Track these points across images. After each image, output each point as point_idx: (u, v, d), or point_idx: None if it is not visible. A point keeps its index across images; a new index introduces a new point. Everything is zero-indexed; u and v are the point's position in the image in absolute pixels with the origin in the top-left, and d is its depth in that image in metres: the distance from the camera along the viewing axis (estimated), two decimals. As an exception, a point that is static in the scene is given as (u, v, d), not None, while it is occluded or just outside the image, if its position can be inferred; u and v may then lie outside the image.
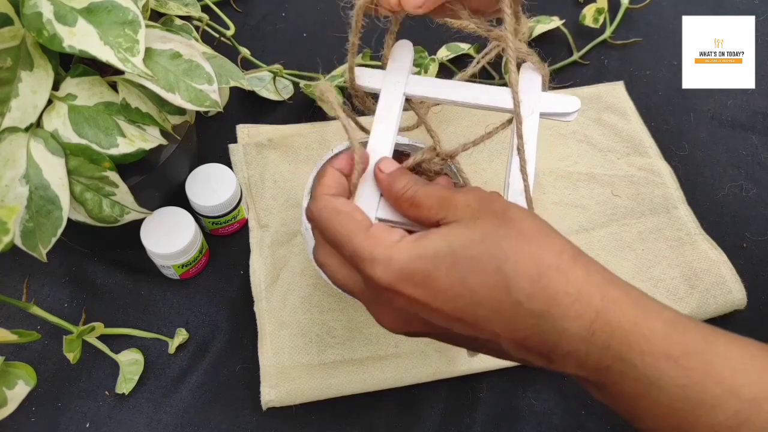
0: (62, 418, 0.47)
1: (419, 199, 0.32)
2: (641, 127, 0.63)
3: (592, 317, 0.27)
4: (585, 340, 0.27)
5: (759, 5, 0.75)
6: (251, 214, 0.56)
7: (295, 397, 0.47)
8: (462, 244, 0.29)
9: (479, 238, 0.29)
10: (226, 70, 0.48)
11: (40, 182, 0.40)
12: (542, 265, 0.28)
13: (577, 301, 0.28)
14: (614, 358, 0.27)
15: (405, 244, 0.30)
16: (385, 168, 0.34)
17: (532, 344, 0.28)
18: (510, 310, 0.28)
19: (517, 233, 0.29)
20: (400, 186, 0.33)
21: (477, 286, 0.28)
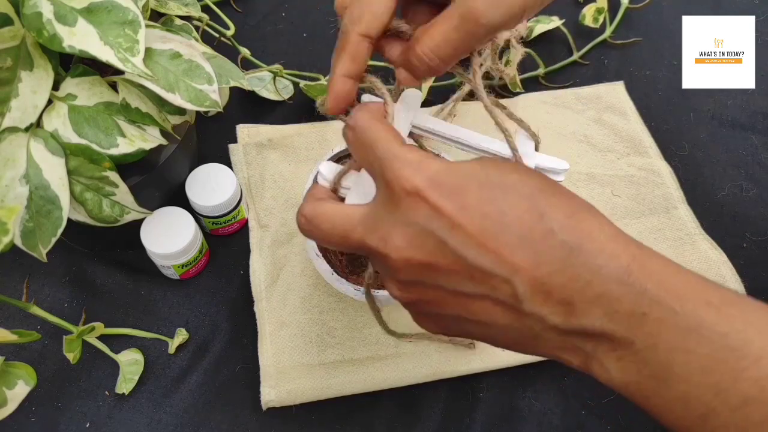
0: (62, 418, 0.47)
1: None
2: (641, 127, 0.63)
3: (629, 259, 0.25)
4: (621, 280, 0.25)
5: (759, 5, 0.75)
6: (251, 214, 0.56)
7: (295, 397, 0.47)
8: (496, 169, 0.27)
9: (512, 168, 0.28)
10: (226, 70, 0.48)
11: (40, 182, 0.40)
12: (577, 204, 0.27)
13: (613, 240, 0.26)
14: (652, 302, 0.25)
15: (439, 159, 0.28)
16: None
17: (556, 284, 0.25)
18: (540, 239, 0.25)
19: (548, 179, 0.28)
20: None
21: (508, 207, 0.26)
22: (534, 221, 0.25)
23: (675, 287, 0.25)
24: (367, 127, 0.29)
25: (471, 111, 0.63)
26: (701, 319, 0.24)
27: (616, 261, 0.25)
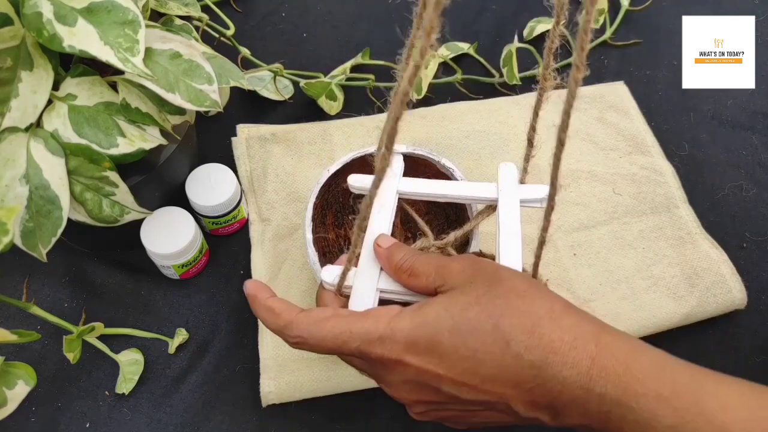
0: (62, 418, 0.47)
1: (417, 269, 0.34)
2: (644, 126, 0.63)
3: (588, 364, 0.29)
4: (584, 387, 0.29)
5: (759, 5, 0.75)
6: (252, 207, 0.56)
7: (294, 391, 0.47)
8: (459, 309, 0.31)
9: (474, 300, 0.31)
10: (226, 69, 0.48)
11: (40, 182, 0.40)
12: (536, 316, 0.30)
13: (573, 348, 0.29)
14: (612, 402, 0.28)
15: (405, 315, 0.31)
16: (383, 243, 0.37)
17: (538, 397, 0.29)
18: (512, 364, 0.29)
19: (509, 291, 0.31)
20: (398, 257, 0.35)
21: (477, 345, 0.30)
22: (502, 350, 0.29)
23: (630, 384, 0.28)
24: (317, 334, 0.32)
25: (470, 112, 0.63)
26: (654, 413, 0.28)
27: (578, 369, 0.29)
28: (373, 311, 0.32)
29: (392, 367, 0.32)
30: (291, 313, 0.33)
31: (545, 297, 0.31)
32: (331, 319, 0.32)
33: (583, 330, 0.30)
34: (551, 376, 0.29)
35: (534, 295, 0.31)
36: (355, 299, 0.36)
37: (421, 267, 0.34)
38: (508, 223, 0.39)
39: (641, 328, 0.51)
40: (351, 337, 0.31)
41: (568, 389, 0.29)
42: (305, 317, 0.33)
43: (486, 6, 0.74)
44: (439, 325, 0.30)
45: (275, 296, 0.35)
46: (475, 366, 0.30)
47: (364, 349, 0.31)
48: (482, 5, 0.74)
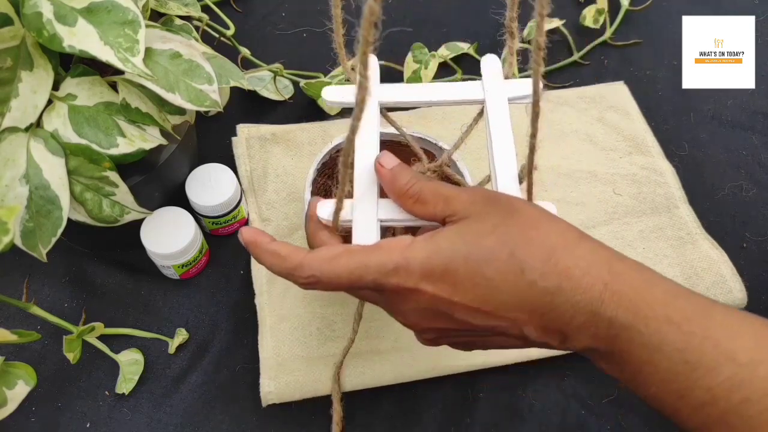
0: (62, 418, 0.47)
1: (425, 196, 0.33)
2: (644, 126, 0.63)
3: (600, 288, 0.29)
4: (595, 311, 0.29)
5: (759, 5, 0.75)
6: (252, 207, 0.56)
7: (294, 390, 0.47)
8: (474, 237, 0.30)
9: (490, 229, 0.30)
10: (226, 69, 0.48)
11: (40, 182, 0.40)
12: (550, 246, 0.30)
13: (587, 274, 0.29)
14: (621, 326, 0.29)
15: (419, 244, 0.31)
16: (386, 163, 0.35)
17: (550, 322, 0.30)
18: (526, 291, 0.29)
19: (524, 221, 0.31)
20: (404, 181, 0.34)
21: (493, 273, 0.30)
22: (517, 278, 0.30)
23: (641, 309, 0.29)
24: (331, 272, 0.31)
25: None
26: (663, 336, 0.28)
27: (590, 294, 0.29)
28: (385, 243, 0.31)
29: (407, 295, 0.31)
30: (298, 254, 0.32)
31: (559, 227, 0.31)
32: (343, 255, 0.31)
33: (597, 257, 0.30)
34: (564, 301, 0.29)
35: (548, 226, 0.31)
36: (359, 232, 0.34)
37: (428, 194, 0.33)
38: (499, 126, 0.37)
39: (641, 328, 0.51)
40: (366, 270, 0.31)
41: (579, 313, 0.29)
42: (316, 257, 0.32)
43: (486, 6, 0.74)
44: (454, 253, 0.30)
45: (275, 240, 0.34)
46: (489, 293, 0.30)
47: (379, 280, 0.31)
48: (482, 5, 0.74)
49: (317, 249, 0.33)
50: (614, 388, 0.50)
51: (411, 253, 0.31)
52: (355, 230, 0.35)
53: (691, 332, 0.28)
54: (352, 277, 0.31)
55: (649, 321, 0.28)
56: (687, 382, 0.28)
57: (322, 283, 0.32)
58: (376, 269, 0.31)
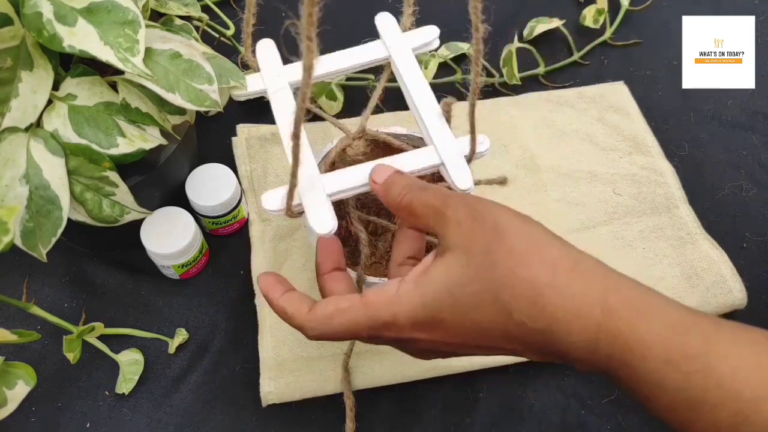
0: (62, 418, 0.47)
1: (415, 209, 0.34)
2: (644, 126, 0.63)
3: (594, 330, 0.28)
4: (591, 349, 0.29)
5: (759, 5, 0.75)
6: (252, 207, 0.56)
7: (294, 390, 0.47)
8: (458, 283, 0.30)
9: (473, 273, 0.30)
10: (226, 70, 0.48)
11: (40, 182, 0.40)
12: (537, 285, 0.29)
13: (578, 318, 0.29)
14: (619, 363, 0.29)
15: (405, 293, 0.31)
16: (378, 179, 0.35)
17: (547, 352, 0.30)
18: (517, 331, 0.30)
19: (509, 255, 0.30)
20: (395, 194, 0.34)
21: (480, 318, 0.30)
22: (506, 320, 0.29)
23: (638, 347, 0.28)
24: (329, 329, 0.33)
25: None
26: (662, 375, 0.28)
27: (584, 336, 0.29)
28: (373, 297, 0.32)
29: (404, 342, 0.33)
30: (301, 314, 0.33)
31: (549, 259, 0.30)
32: (334, 315, 0.32)
33: (588, 295, 0.29)
34: (557, 340, 0.29)
35: (537, 259, 0.30)
36: (313, 217, 0.34)
37: (419, 207, 0.33)
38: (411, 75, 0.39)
39: (641, 328, 0.51)
40: (359, 327, 0.32)
41: (575, 351, 0.29)
42: (312, 318, 0.33)
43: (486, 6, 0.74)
44: (439, 304, 0.30)
45: (288, 291, 0.35)
46: (481, 334, 0.30)
47: (374, 334, 0.32)
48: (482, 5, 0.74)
49: (315, 306, 0.33)
50: (614, 388, 0.50)
51: (398, 307, 0.31)
52: (308, 215, 0.35)
53: (692, 371, 0.28)
54: (348, 333, 0.32)
55: (648, 361, 0.28)
56: (690, 414, 0.28)
57: (327, 339, 0.33)
58: (367, 326, 0.32)
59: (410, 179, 0.35)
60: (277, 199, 0.35)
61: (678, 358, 0.28)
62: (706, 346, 0.28)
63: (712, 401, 0.27)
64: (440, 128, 0.39)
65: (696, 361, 0.28)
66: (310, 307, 0.33)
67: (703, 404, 0.27)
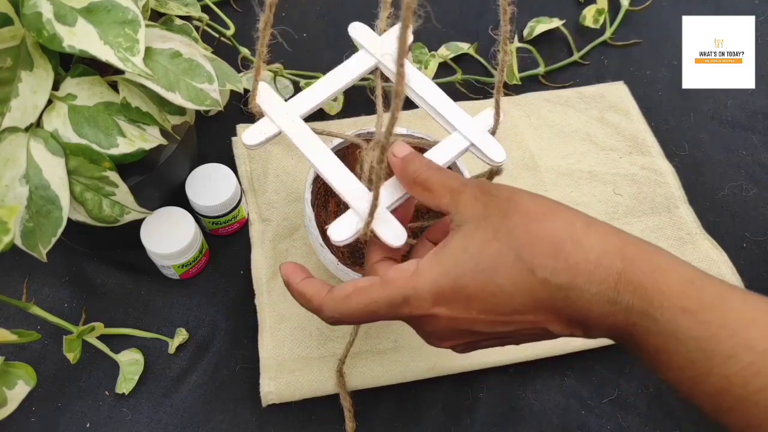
0: (62, 418, 0.47)
1: (431, 185, 0.33)
2: (644, 126, 0.63)
3: (615, 278, 0.29)
4: (612, 300, 0.29)
5: (759, 5, 0.75)
6: (252, 207, 0.56)
7: (294, 390, 0.47)
8: (478, 246, 0.30)
9: (491, 235, 0.30)
10: (223, 73, 0.48)
11: (40, 182, 0.40)
12: (557, 240, 0.29)
13: (599, 266, 0.29)
14: (638, 314, 0.29)
15: (424, 268, 0.31)
16: (398, 152, 0.35)
17: (570, 316, 0.30)
18: (540, 290, 0.29)
19: (526, 217, 0.30)
20: (413, 169, 0.34)
21: (503, 279, 0.30)
22: (529, 279, 0.29)
23: (656, 298, 0.29)
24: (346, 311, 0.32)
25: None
26: (678, 325, 0.28)
27: (605, 285, 0.29)
28: (392, 274, 0.32)
29: (424, 320, 0.32)
30: (320, 296, 0.33)
31: (565, 217, 0.31)
32: (353, 295, 0.32)
33: (608, 246, 0.30)
34: (579, 296, 0.29)
35: (553, 218, 0.30)
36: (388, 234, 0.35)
37: (435, 183, 0.33)
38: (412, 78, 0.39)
39: (641, 328, 0.51)
40: (378, 306, 0.31)
41: (597, 305, 0.29)
42: (331, 299, 0.33)
43: (486, 6, 0.74)
44: (460, 269, 0.30)
45: (308, 278, 0.35)
46: (504, 300, 0.30)
47: (393, 312, 0.32)
48: (482, 5, 0.74)
49: (333, 288, 0.33)
50: (614, 388, 0.50)
51: (418, 281, 0.31)
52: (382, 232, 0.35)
53: (706, 321, 0.28)
54: (365, 312, 0.32)
55: (664, 310, 0.28)
56: (703, 368, 0.28)
57: (344, 321, 0.33)
58: (386, 304, 0.31)
59: (428, 160, 0.35)
60: (345, 229, 0.35)
61: (694, 308, 0.28)
62: (720, 299, 0.29)
63: (725, 352, 0.27)
64: (457, 113, 0.39)
65: (711, 311, 0.28)
66: (329, 291, 0.33)
67: (715, 355, 0.28)
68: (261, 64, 0.37)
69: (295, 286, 0.34)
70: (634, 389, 0.50)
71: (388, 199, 0.36)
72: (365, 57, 0.41)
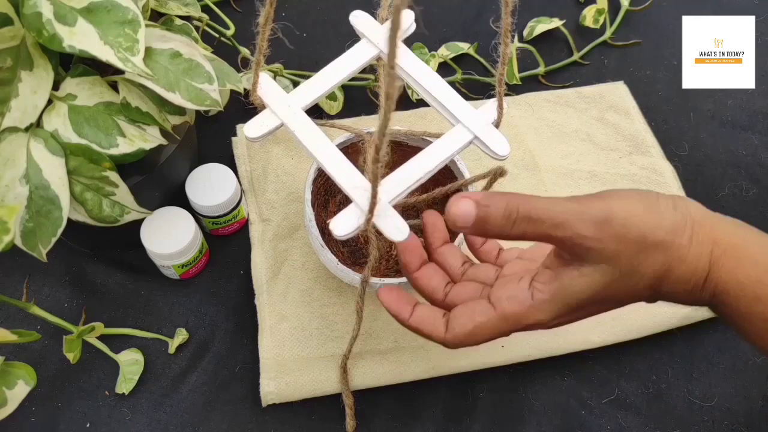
0: (62, 418, 0.47)
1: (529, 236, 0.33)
2: (644, 126, 0.63)
3: (701, 281, 0.33)
4: (696, 296, 0.34)
5: (759, 5, 0.75)
6: (252, 207, 0.56)
7: (293, 390, 0.47)
8: (603, 289, 0.33)
9: (619, 276, 0.33)
10: (223, 73, 0.48)
11: (40, 182, 0.40)
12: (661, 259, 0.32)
13: (693, 275, 0.33)
14: (717, 303, 0.34)
15: (543, 304, 0.34)
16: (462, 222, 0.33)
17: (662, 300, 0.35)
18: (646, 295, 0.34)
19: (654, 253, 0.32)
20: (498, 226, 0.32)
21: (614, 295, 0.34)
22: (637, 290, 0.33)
23: (733, 289, 0.33)
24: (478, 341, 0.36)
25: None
26: (751, 311, 0.33)
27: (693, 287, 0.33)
28: (509, 311, 0.34)
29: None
30: (440, 333, 0.36)
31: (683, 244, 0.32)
32: (476, 331, 0.35)
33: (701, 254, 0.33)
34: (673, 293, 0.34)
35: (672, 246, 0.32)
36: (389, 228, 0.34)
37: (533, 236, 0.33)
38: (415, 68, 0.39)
39: (641, 327, 0.51)
40: (501, 334, 0.35)
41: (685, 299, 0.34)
42: (454, 337, 0.35)
43: (486, 6, 0.74)
44: (583, 305, 0.34)
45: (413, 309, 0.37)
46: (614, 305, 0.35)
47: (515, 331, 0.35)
48: (482, 5, 0.74)
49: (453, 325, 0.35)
50: (614, 388, 0.50)
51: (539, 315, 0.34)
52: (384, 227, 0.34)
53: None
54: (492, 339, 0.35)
55: (740, 298, 0.32)
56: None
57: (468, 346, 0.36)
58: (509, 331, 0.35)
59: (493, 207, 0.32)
60: (347, 224, 0.35)
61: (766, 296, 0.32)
62: None
63: None
64: (461, 104, 0.39)
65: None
66: (445, 324, 0.36)
67: None
68: (260, 57, 0.37)
69: (408, 323, 0.37)
70: (634, 389, 0.50)
71: (390, 193, 0.36)
72: (367, 46, 0.40)
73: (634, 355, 0.51)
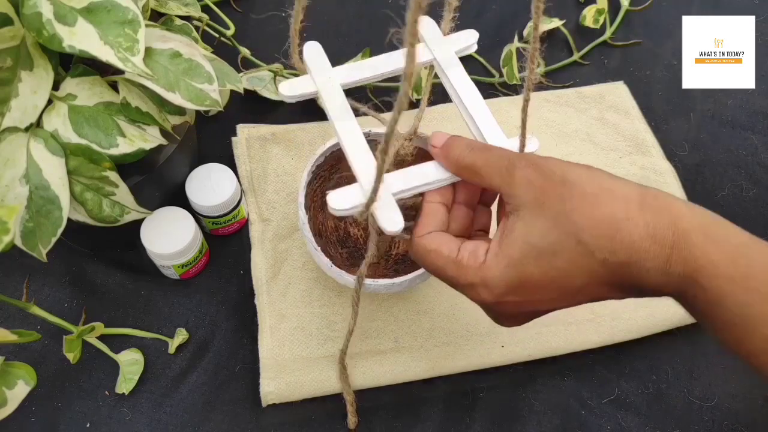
0: (62, 418, 0.47)
1: (478, 168, 0.35)
2: (644, 126, 0.63)
3: (668, 253, 0.31)
4: (665, 273, 0.31)
5: (759, 5, 0.75)
6: (252, 207, 0.56)
7: (293, 390, 0.47)
8: (540, 235, 0.32)
9: (552, 222, 0.32)
10: (223, 73, 0.48)
11: (40, 182, 0.40)
12: (614, 221, 0.31)
13: (654, 243, 0.31)
14: (688, 284, 0.31)
15: (492, 260, 0.33)
16: (437, 143, 0.37)
17: (628, 286, 0.32)
18: (601, 269, 0.32)
19: (583, 200, 0.32)
20: (456, 155, 0.36)
21: (566, 264, 0.32)
22: (589, 260, 0.31)
23: (706, 268, 0.31)
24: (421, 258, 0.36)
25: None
26: (724, 293, 0.30)
27: (658, 261, 0.31)
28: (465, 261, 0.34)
29: (492, 306, 0.35)
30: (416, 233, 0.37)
31: (620, 196, 0.32)
32: (432, 254, 0.35)
33: (660, 222, 0.31)
34: (636, 271, 0.31)
35: (610, 199, 0.32)
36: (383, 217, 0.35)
37: (483, 168, 0.35)
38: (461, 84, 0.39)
39: (641, 327, 0.51)
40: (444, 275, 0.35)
41: (651, 277, 0.31)
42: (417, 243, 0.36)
43: (486, 6, 0.74)
44: (525, 260, 0.32)
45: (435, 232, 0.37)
46: (568, 282, 0.32)
47: (456, 286, 0.35)
48: (482, 5, 0.74)
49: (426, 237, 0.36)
50: (614, 388, 0.50)
51: (486, 274, 0.33)
52: (378, 215, 0.35)
53: (752, 288, 0.30)
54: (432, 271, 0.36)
55: (712, 279, 0.30)
56: (746, 331, 0.30)
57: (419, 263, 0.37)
58: (451, 277, 0.35)
59: (469, 141, 0.36)
60: (346, 200, 0.35)
61: (740, 278, 0.30)
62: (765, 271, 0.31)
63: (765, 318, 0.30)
64: (493, 129, 0.40)
65: (757, 280, 0.30)
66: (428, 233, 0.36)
67: (757, 320, 0.30)
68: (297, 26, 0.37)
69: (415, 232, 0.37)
70: (634, 389, 0.50)
71: (396, 187, 0.36)
72: (424, 51, 0.41)
73: (634, 355, 0.51)
